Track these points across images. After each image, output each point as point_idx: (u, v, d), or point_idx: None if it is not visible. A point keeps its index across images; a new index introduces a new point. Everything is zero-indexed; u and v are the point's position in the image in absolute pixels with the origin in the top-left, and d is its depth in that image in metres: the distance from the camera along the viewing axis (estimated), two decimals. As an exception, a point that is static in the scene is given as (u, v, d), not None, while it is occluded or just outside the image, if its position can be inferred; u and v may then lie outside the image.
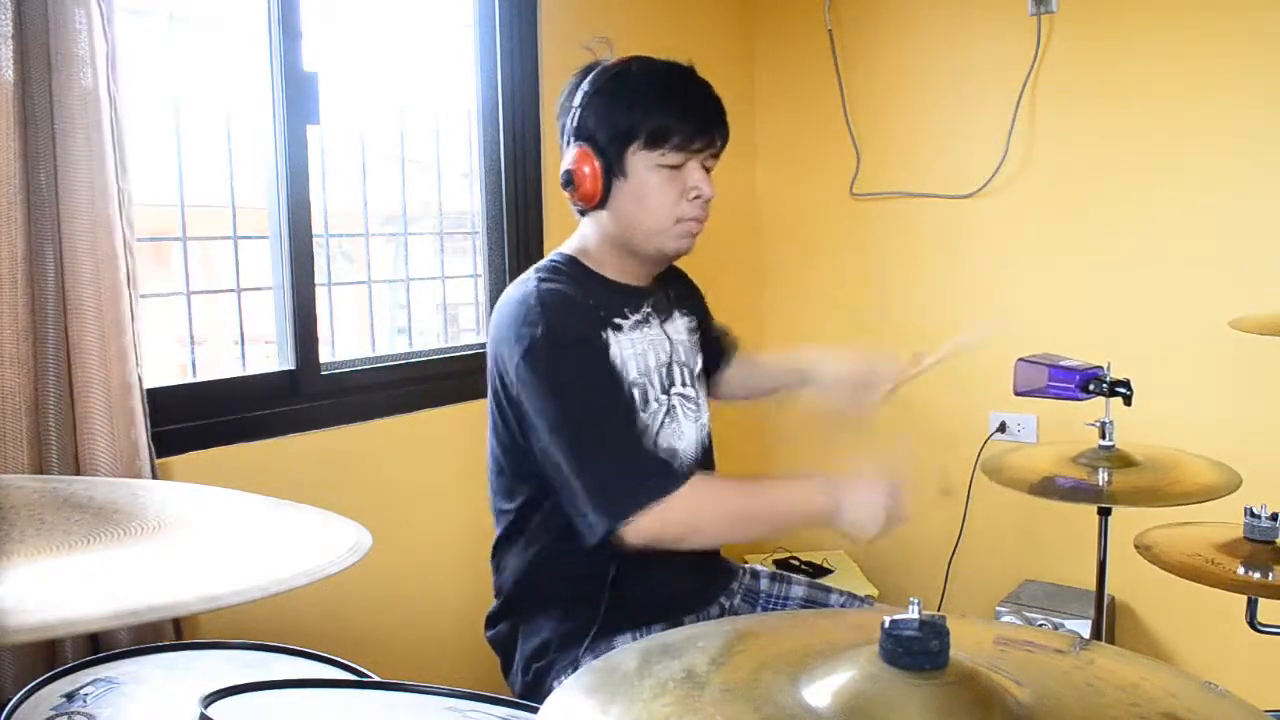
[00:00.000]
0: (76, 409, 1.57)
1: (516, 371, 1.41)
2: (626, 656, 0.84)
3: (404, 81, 2.33)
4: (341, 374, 2.12)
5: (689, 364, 1.61)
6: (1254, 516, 1.52)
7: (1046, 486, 1.77)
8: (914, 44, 2.84)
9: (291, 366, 2.02)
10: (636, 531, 1.33)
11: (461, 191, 2.49)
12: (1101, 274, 2.60)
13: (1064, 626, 2.34)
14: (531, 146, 2.45)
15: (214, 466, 1.82)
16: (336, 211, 2.19)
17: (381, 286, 2.37)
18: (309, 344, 2.04)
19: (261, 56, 1.97)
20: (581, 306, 1.46)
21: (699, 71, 1.51)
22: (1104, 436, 1.85)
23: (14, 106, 1.47)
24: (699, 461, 1.58)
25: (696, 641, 0.87)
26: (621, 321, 1.51)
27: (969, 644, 0.78)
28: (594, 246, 1.54)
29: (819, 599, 1.69)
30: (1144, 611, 2.61)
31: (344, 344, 2.23)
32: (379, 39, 2.27)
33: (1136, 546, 1.55)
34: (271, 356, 2.09)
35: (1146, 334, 2.52)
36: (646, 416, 1.50)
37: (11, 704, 1.05)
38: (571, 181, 1.48)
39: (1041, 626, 2.30)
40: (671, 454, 1.52)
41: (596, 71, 1.48)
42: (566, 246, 1.56)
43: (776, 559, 2.87)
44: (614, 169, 1.45)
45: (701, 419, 1.61)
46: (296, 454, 1.96)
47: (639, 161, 1.44)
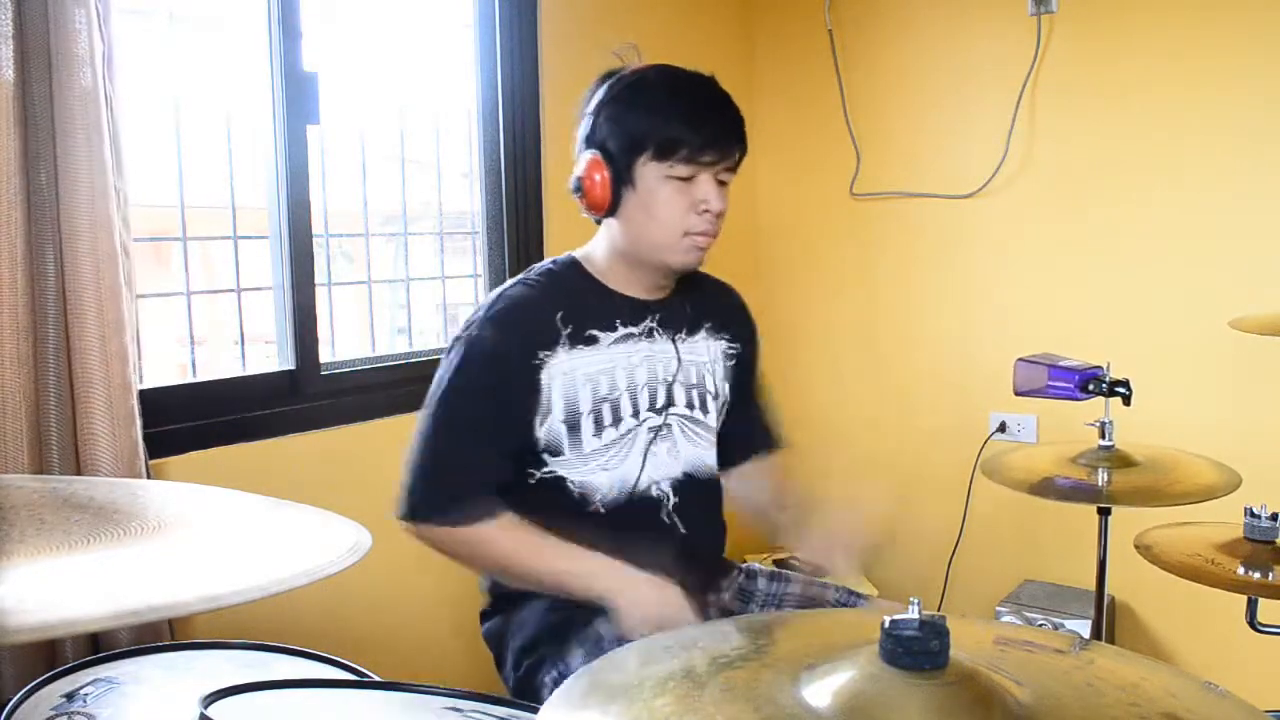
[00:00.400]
0: (77, 409, 1.57)
1: None
2: (626, 656, 0.84)
3: (404, 81, 2.33)
4: (341, 374, 2.12)
5: (703, 388, 1.58)
6: (1254, 516, 1.51)
7: (1046, 486, 1.77)
8: (914, 44, 2.84)
9: (291, 366, 2.02)
10: (422, 534, 1.45)
11: (461, 191, 2.49)
12: (1101, 274, 2.60)
13: (1064, 626, 2.34)
14: (531, 146, 2.45)
15: (214, 466, 1.82)
16: (336, 211, 2.20)
17: (381, 286, 2.37)
18: (309, 344, 2.04)
19: (261, 56, 1.97)
20: (537, 320, 1.45)
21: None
22: (1104, 436, 1.84)
23: (14, 106, 1.47)
24: (698, 486, 1.55)
25: (697, 642, 0.87)
26: (600, 334, 1.49)
27: (969, 644, 0.78)
28: (602, 253, 1.53)
29: (817, 597, 1.68)
30: (1144, 611, 2.61)
31: (344, 344, 2.23)
32: (379, 39, 2.27)
33: (1136, 546, 1.55)
34: (271, 356, 2.09)
35: (1146, 334, 2.52)
36: (607, 437, 1.47)
37: (11, 704, 1.05)
38: (581, 189, 1.47)
39: (1041, 626, 2.30)
40: (586, 488, 1.47)
41: (614, 79, 1.47)
42: (580, 249, 1.56)
43: (776, 559, 2.87)
44: (624, 178, 1.44)
45: (714, 443, 1.59)
46: (296, 454, 1.96)
47: (649, 172, 1.42)
